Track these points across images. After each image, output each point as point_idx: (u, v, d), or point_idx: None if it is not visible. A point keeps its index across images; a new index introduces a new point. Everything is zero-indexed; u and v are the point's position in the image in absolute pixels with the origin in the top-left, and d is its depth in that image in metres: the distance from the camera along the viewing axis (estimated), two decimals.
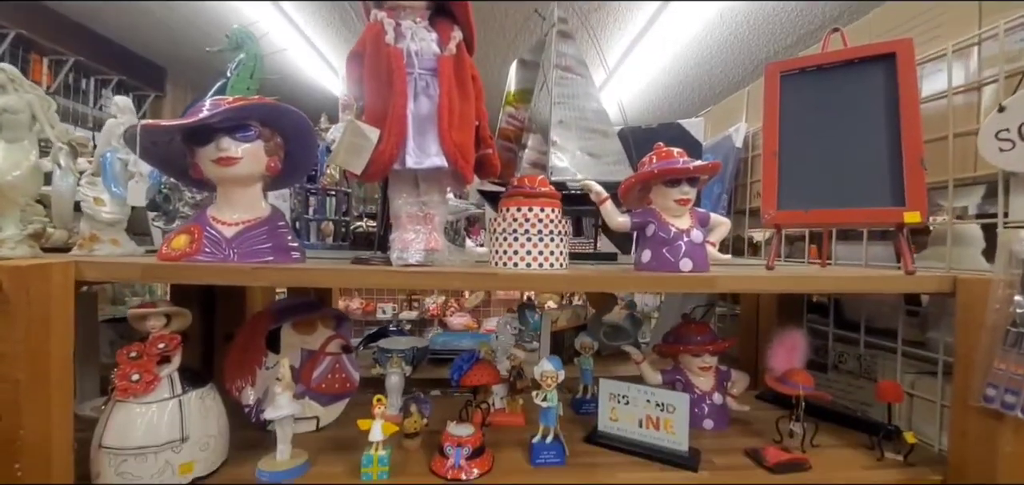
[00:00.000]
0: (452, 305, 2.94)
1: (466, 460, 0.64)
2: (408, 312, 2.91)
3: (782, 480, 0.67)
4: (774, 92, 0.77)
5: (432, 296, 2.97)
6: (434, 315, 2.91)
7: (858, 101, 0.75)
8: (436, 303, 2.90)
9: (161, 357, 0.60)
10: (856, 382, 0.89)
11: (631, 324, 1.39)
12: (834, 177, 0.73)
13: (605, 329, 1.35)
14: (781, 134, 0.75)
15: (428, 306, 2.89)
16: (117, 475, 0.56)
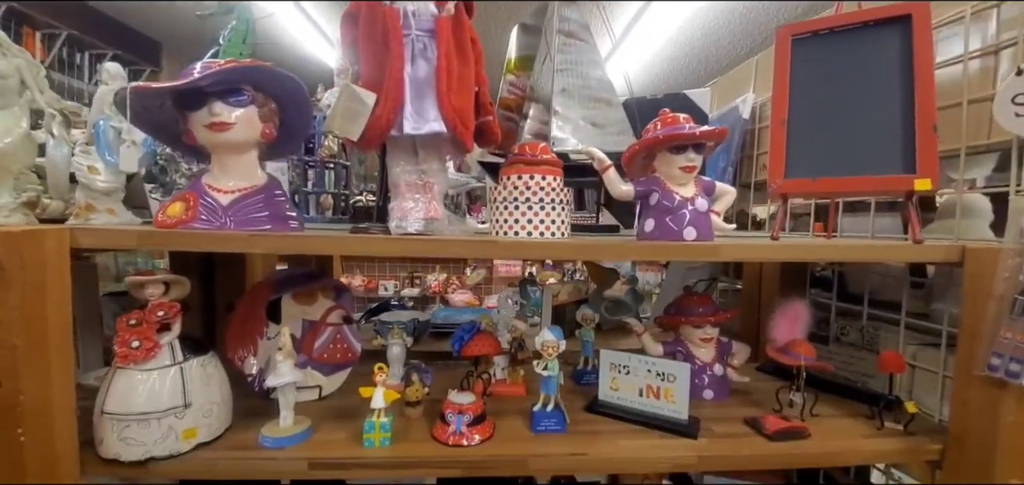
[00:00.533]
0: (453, 282, 2.95)
1: (467, 427, 0.64)
2: (410, 289, 2.92)
3: (781, 448, 0.67)
4: (785, 56, 0.74)
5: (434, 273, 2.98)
6: (436, 292, 2.92)
7: (871, 65, 0.72)
8: (438, 280, 2.90)
9: (161, 325, 0.59)
10: (858, 354, 0.89)
11: (632, 299, 1.39)
12: (843, 145, 0.71)
13: (606, 304, 1.35)
14: (791, 100, 0.73)
15: (430, 283, 2.90)
16: (120, 440, 0.56)
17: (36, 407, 0.52)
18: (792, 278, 1.04)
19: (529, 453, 0.63)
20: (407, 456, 0.62)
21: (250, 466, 0.60)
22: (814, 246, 0.71)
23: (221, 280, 0.95)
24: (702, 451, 0.65)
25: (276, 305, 0.78)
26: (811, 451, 0.67)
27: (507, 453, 0.63)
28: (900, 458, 0.70)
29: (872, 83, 0.72)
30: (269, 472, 0.60)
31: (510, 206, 0.65)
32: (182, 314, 0.62)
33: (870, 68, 0.72)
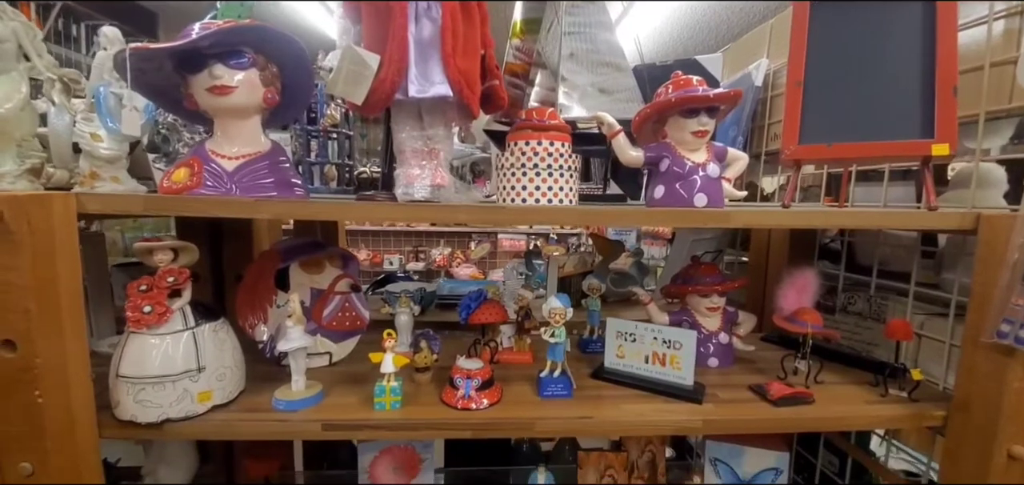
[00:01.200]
0: (458, 257, 2.96)
1: (476, 391, 0.65)
2: (415, 264, 2.93)
3: (784, 413, 0.68)
4: (803, 15, 0.71)
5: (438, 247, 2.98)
6: (440, 266, 2.93)
7: (891, 25, 0.69)
8: (442, 255, 2.91)
9: (171, 290, 0.60)
10: (864, 323, 0.89)
11: (638, 271, 1.38)
12: (860, 109, 0.69)
13: (612, 276, 1.35)
14: (807, 61, 0.71)
15: (434, 257, 2.91)
16: (136, 403, 0.58)
17: (52, 370, 0.53)
18: (801, 249, 1.03)
19: (536, 416, 0.64)
20: (417, 418, 0.63)
21: (265, 427, 0.61)
22: (826, 213, 0.70)
23: (229, 251, 0.96)
24: (706, 415, 0.66)
25: (284, 274, 0.78)
26: (814, 416, 0.68)
27: (514, 416, 0.64)
28: (903, 424, 0.71)
29: (892, 44, 0.69)
30: (284, 433, 0.62)
31: (517, 172, 0.65)
32: (192, 282, 0.63)
33: (890, 28, 0.69)
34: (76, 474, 0.55)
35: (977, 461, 0.65)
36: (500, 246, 3.00)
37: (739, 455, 0.92)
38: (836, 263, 1.02)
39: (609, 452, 0.90)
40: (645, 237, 2.56)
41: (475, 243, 3.11)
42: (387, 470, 0.92)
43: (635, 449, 0.98)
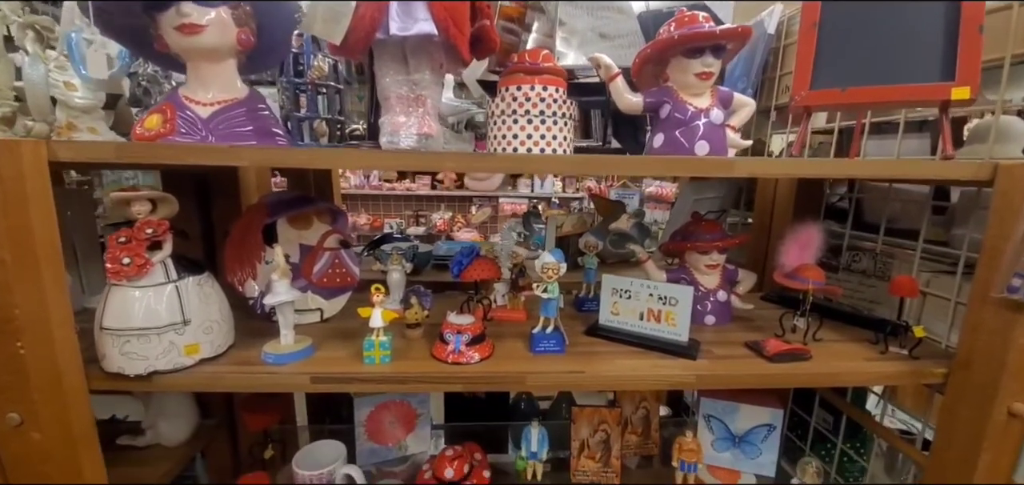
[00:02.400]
0: (459, 221, 2.94)
1: (466, 346, 0.64)
2: (415, 228, 2.92)
3: (780, 369, 0.67)
4: None
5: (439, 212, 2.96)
6: (441, 231, 2.92)
7: None
8: (443, 219, 2.89)
9: (151, 242, 0.58)
10: (867, 282, 0.87)
11: (639, 232, 1.36)
12: (877, 51, 0.64)
13: (611, 237, 1.32)
14: (824, 1, 0.65)
15: (435, 222, 2.89)
16: (122, 355, 0.57)
17: (33, 321, 0.52)
18: (807, 207, 0.99)
19: (527, 371, 0.63)
20: (407, 372, 0.63)
21: (254, 379, 0.61)
22: (837, 163, 0.67)
23: (218, 209, 0.94)
24: (700, 370, 0.65)
25: (273, 229, 0.77)
26: (811, 372, 0.67)
27: (505, 370, 0.64)
28: (902, 380, 0.70)
29: None
30: (273, 385, 0.61)
31: (508, 120, 0.61)
32: (175, 235, 0.61)
33: None
34: (66, 425, 0.55)
35: (975, 418, 0.64)
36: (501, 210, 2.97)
37: (733, 412, 0.92)
38: (842, 222, 0.98)
39: (603, 408, 0.90)
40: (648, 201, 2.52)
41: (476, 207, 3.09)
42: (384, 423, 0.93)
43: (629, 405, 0.99)
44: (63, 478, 0.56)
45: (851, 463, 1.05)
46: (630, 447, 0.99)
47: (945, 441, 0.69)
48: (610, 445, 0.90)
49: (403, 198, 3.09)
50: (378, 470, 0.92)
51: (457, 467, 0.81)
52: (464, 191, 3.08)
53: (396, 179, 3.09)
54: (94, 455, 0.59)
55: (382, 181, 3.08)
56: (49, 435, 0.54)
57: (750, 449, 0.92)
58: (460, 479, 0.81)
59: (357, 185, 2.97)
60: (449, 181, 3.07)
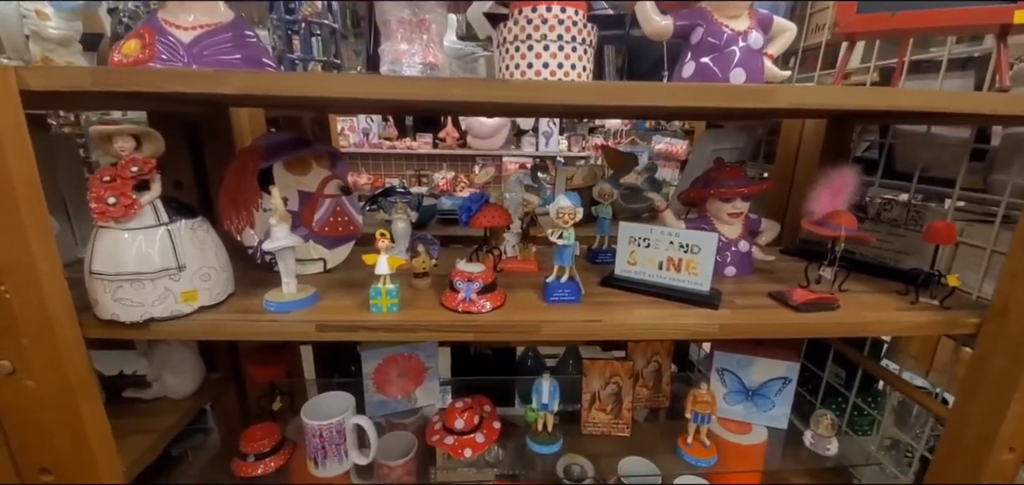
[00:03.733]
0: (462, 181, 2.87)
1: (477, 294, 0.61)
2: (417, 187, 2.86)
3: (806, 318, 0.64)
4: None
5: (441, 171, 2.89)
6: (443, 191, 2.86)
7: None
8: (445, 178, 2.83)
9: (137, 181, 0.54)
10: (897, 231, 0.82)
11: (650, 187, 1.31)
12: None
13: (622, 191, 1.27)
14: None
15: (437, 182, 2.83)
16: (115, 301, 0.54)
17: (15, 263, 0.49)
18: (833, 157, 0.94)
19: (541, 319, 0.60)
20: (416, 320, 0.60)
21: (256, 327, 0.58)
22: (885, 92, 0.61)
23: (211, 156, 0.89)
24: (723, 320, 0.62)
25: (269, 175, 0.72)
26: (838, 321, 0.64)
27: (518, 319, 0.61)
28: (933, 330, 0.67)
29: None
30: (276, 333, 0.59)
31: (522, 47, 0.55)
32: (168, 185, 0.57)
33: None
34: (61, 372, 0.53)
35: (1008, 369, 0.61)
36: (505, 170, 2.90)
37: (748, 365, 0.90)
38: (871, 173, 0.93)
39: (615, 360, 0.88)
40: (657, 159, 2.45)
41: (479, 167, 3.01)
42: (392, 376, 0.92)
43: (641, 359, 0.97)
44: (64, 427, 0.54)
45: (862, 417, 1.05)
46: (640, 400, 0.98)
47: (971, 392, 0.66)
48: (621, 397, 0.89)
49: (404, 157, 3.01)
50: (387, 422, 0.92)
51: (467, 418, 0.80)
52: (467, 150, 3.00)
53: (396, 138, 3.00)
54: (94, 404, 0.57)
55: (382, 140, 2.99)
56: (44, 384, 0.52)
57: (763, 402, 0.91)
58: (470, 429, 0.80)
59: (356, 143, 2.89)
60: (451, 140, 2.98)
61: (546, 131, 2.96)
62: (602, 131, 2.96)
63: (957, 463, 0.67)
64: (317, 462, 0.75)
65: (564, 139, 3.05)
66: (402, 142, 3.00)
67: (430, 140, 3.00)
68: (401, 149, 2.97)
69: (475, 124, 2.86)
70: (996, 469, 0.65)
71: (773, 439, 0.88)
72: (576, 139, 3.05)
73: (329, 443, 0.73)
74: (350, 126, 2.92)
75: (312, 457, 0.75)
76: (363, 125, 2.94)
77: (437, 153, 3.01)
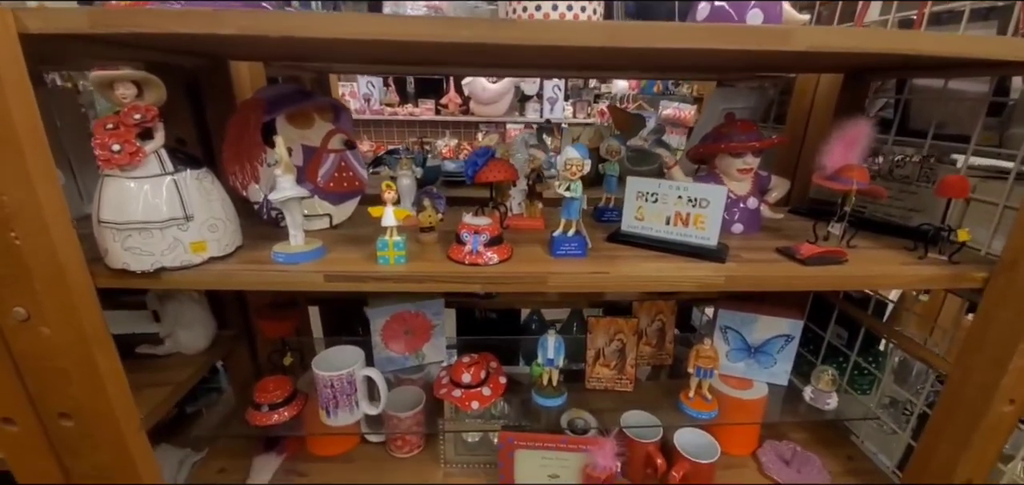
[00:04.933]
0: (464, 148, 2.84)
1: (484, 246, 0.61)
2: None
3: (814, 272, 0.64)
4: None
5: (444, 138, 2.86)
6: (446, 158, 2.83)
7: None
8: (448, 145, 2.80)
9: (140, 129, 0.53)
10: (909, 188, 0.81)
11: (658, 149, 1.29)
12: None
13: (629, 154, 1.26)
14: None
15: (440, 148, 2.80)
16: (125, 250, 0.54)
17: (24, 210, 0.49)
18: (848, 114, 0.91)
19: (548, 271, 0.61)
20: (423, 271, 0.60)
21: (265, 277, 0.59)
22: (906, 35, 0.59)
23: (212, 112, 0.87)
24: (730, 272, 0.62)
25: (272, 129, 0.71)
26: (846, 274, 0.64)
27: (525, 270, 0.61)
28: (940, 284, 0.67)
29: None
30: (285, 283, 0.59)
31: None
32: (172, 141, 0.56)
33: None
34: (74, 320, 0.53)
35: (1013, 323, 0.61)
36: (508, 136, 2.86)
37: (751, 323, 0.91)
38: (885, 132, 0.91)
39: (619, 318, 0.89)
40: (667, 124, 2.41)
41: (482, 134, 2.97)
42: (400, 333, 0.93)
43: (645, 317, 0.98)
44: (80, 374, 0.55)
45: (861, 376, 1.06)
46: (644, 358, 1.00)
47: (975, 345, 0.67)
48: (625, 354, 0.90)
49: (406, 124, 2.97)
50: (396, 377, 0.94)
51: (474, 373, 0.82)
52: (470, 117, 2.95)
53: (398, 104, 2.95)
54: (109, 353, 0.58)
55: (383, 106, 2.94)
56: (59, 331, 0.53)
57: (765, 359, 0.92)
58: (477, 384, 0.82)
59: (357, 109, 2.85)
60: (454, 106, 2.93)
61: (551, 97, 2.90)
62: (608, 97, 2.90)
63: (957, 414, 0.69)
64: (329, 412, 0.77)
65: (569, 105, 2.99)
66: (404, 108, 2.95)
67: (432, 106, 2.95)
68: (403, 115, 2.93)
69: (478, 89, 2.80)
70: (995, 420, 0.66)
71: (773, 395, 0.90)
72: (581, 105, 3.00)
73: (340, 393, 0.75)
74: (351, 92, 2.87)
75: (324, 407, 0.77)
76: (364, 91, 2.89)
77: (439, 120, 2.97)
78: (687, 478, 0.79)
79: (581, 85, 3.09)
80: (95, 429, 0.58)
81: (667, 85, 2.70)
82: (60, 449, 0.59)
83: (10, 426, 0.56)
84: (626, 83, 2.82)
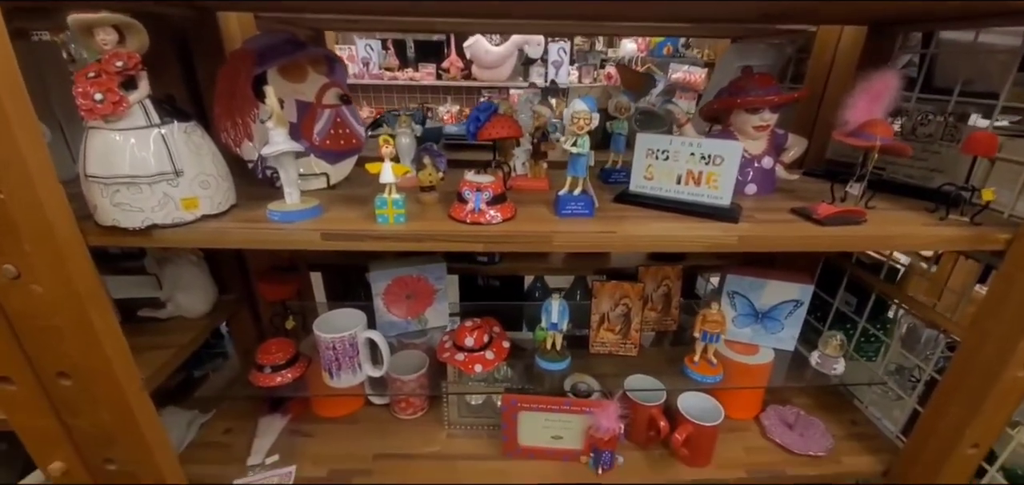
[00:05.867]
0: (466, 114, 2.78)
1: (487, 204, 0.59)
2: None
3: (831, 232, 0.61)
4: None
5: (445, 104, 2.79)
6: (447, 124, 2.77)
7: None
8: (449, 112, 2.73)
9: (123, 77, 0.50)
10: (932, 147, 0.77)
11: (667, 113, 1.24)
12: None
13: (637, 116, 1.21)
14: None
15: (441, 115, 2.74)
16: (114, 206, 0.52)
17: (7, 165, 0.46)
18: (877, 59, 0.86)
19: (553, 230, 0.58)
20: (423, 230, 0.58)
21: (260, 235, 0.57)
22: None
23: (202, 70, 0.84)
24: (743, 232, 0.60)
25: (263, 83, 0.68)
26: (864, 234, 0.61)
27: (529, 229, 0.59)
28: (961, 245, 0.64)
29: None
30: (281, 242, 0.57)
31: None
32: (162, 99, 0.53)
33: None
34: (66, 277, 0.52)
35: None
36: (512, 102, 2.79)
37: (760, 288, 0.89)
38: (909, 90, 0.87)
39: (625, 283, 0.88)
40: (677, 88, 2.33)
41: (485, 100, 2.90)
42: (401, 297, 0.92)
43: (651, 282, 0.96)
44: (75, 332, 0.54)
45: (868, 343, 1.05)
46: (649, 323, 0.99)
47: (993, 309, 0.65)
48: (630, 318, 0.89)
49: (406, 89, 2.89)
50: (399, 342, 0.93)
51: (477, 336, 0.81)
52: (472, 82, 2.86)
53: (398, 68, 2.86)
54: (104, 311, 0.57)
55: (383, 70, 2.86)
56: (51, 289, 0.51)
57: (772, 325, 0.91)
58: (480, 347, 0.81)
59: (355, 74, 2.77)
60: (455, 70, 2.84)
61: (556, 60, 2.81)
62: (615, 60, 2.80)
63: (969, 378, 0.67)
64: (331, 373, 0.76)
65: (574, 70, 2.89)
66: (404, 73, 2.87)
67: (433, 71, 2.87)
68: (403, 80, 2.85)
69: (480, 52, 2.71)
70: (1008, 385, 0.65)
71: (778, 360, 0.89)
72: (587, 70, 2.90)
73: (342, 355, 0.75)
74: (349, 56, 2.78)
75: (326, 369, 0.76)
76: (363, 54, 2.80)
77: (441, 84, 2.89)
78: (690, 440, 0.79)
79: (586, 49, 2.98)
80: (94, 387, 0.57)
81: (677, 48, 2.60)
82: (60, 407, 0.58)
83: (8, 385, 0.56)
84: (634, 45, 2.72)
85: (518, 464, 0.82)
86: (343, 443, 0.85)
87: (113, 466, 0.64)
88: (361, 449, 0.83)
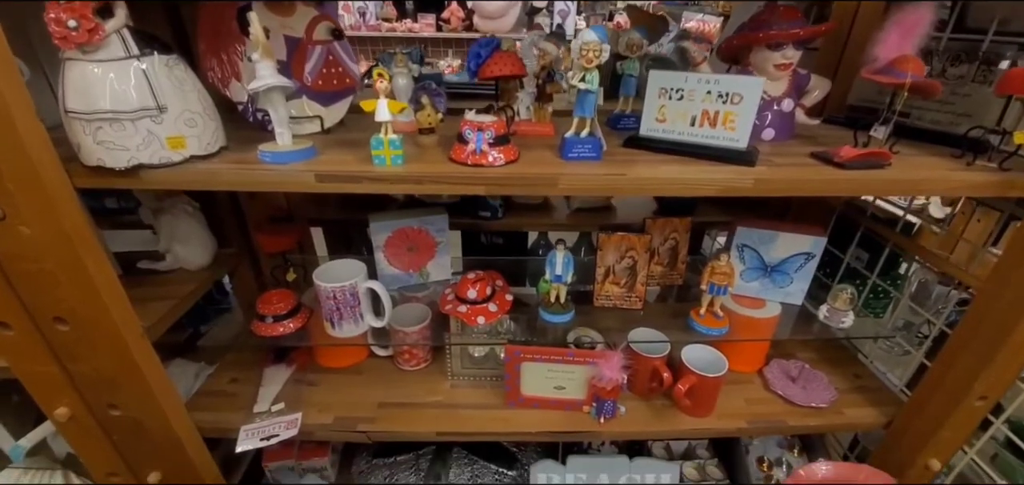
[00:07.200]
0: None
1: (489, 145, 0.56)
2: None
3: (853, 176, 0.58)
4: None
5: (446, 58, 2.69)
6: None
7: None
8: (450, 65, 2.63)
9: (99, 3, 0.47)
10: (962, 89, 0.73)
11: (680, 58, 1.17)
12: None
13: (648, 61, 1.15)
14: None
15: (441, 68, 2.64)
16: (98, 144, 0.50)
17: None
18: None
19: (558, 172, 0.55)
20: (421, 172, 0.55)
21: (253, 177, 0.55)
22: None
23: (186, 6, 0.79)
24: (759, 175, 0.57)
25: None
26: (888, 179, 0.58)
27: (533, 172, 0.56)
28: (989, 191, 0.61)
29: None
30: (274, 183, 0.55)
31: None
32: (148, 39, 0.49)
33: None
34: (54, 219, 0.50)
35: None
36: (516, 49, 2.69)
37: (770, 241, 0.86)
38: (940, 30, 0.81)
39: (631, 235, 0.85)
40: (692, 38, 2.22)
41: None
42: (403, 250, 0.91)
43: (658, 235, 0.94)
44: (68, 276, 0.53)
45: (876, 299, 1.03)
46: (655, 277, 0.97)
47: (1015, 260, 0.62)
48: (636, 271, 0.88)
49: (404, 41, 2.78)
50: (401, 295, 0.92)
51: (479, 289, 0.80)
52: (473, 33, 2.74)
53: (396, 18, 2.74)
54: (97, 255, 0.55)
55: (380, 21, 2.74)
56: (39, 231, 0.50)
57: (781, 279, 0.89)
58: (483, 300, 0.80)
59: (352, 25, 2.66)
60: (456, 22, 2.72)
61: (562, 9, 2.68)
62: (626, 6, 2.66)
63: (983, 329, 0.66)
64: (333, 323, 0.76)
65: (582, 19, 2.76)
66: (402, 24, 2.75)
67: (433, 21, 2.75)
68: (401, 31, 2.73)
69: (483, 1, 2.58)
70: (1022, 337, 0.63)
71: (785, 314, 0.88)
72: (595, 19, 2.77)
73: (343, 305, 0.74)
74: (345, 6, 2.66)
75: (328, 319, 0.76)
76: (359, 4, 2.67)
77: (441, 36, 2.77)
78: (693, 391, 0.79)
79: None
80: (92, 333, 0.57)
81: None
82: (59, 353, 0.58)
83: (6, 330, 0.55)
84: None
85: (521, 413, 0.82)
86: (348, 392, 0.85)
87: (117, 411, 0.64)
88: (366, 398, 0.84)
